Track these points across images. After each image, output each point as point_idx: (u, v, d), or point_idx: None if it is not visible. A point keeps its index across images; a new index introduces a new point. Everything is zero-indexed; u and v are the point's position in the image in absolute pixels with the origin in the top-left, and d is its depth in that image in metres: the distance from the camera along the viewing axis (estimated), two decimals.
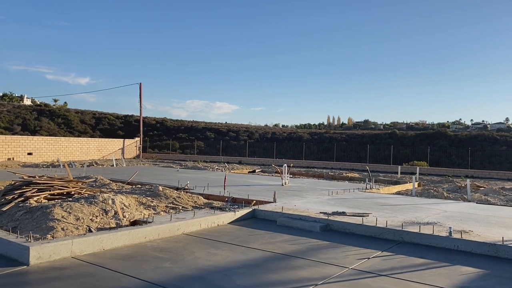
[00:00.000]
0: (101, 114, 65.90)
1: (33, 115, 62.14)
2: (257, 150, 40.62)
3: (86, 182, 10.32)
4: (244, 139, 47.63)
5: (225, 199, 10.60)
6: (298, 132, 54.25)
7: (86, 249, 5.78)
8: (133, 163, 29.97)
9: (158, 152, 43.24)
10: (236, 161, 34.54)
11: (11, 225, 6.82)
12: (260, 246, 6.43)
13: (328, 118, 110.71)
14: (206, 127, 58.13)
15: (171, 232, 7.04)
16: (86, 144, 34.35)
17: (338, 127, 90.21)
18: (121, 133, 53.55)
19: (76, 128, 58.11)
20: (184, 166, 26.11)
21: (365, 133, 52.00)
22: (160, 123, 60.12)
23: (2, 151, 27.71)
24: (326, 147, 39.41)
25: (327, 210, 8.89)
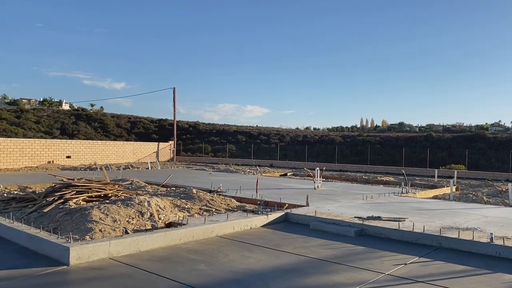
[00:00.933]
0: (136, 118, 67.51)
1: (71, 119, 64.34)
2: (288, 153, 40.49)
3: (123, 185, 10.57)
4: (275, 142, 47.59)
5: (257, 202, 10.61)
6: (330, 135, 53.75)
7: (123, 251, 5.91)
8: (167, 166, 30.50)
9: (191, 155, 43.82)
10: (267, 164, 34.54)
11: (52, 226, 7.06)
12: (293, 250, 6.39)
13: (361, 121, 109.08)
14: (238, 130, 58.51)
15: (205, 234, 7.11)
16: (122, 147, 35.22)
17: (371, 130, 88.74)
18: (155, 136, 54.62)
19: (112, 132, 59.71)
20: (216, 169, 26.35)
21: (400, 135, 50.92)
22: (192, 127, 60.98)
23: (43, 154, 28.80)
24: (359, 150, 38.84)
25: (361, 215, 8.75)
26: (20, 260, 5.57)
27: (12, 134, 49.38)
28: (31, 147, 28.18)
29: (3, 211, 8.54)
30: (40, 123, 59.72)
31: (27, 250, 6.05)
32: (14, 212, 8.15)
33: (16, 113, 65.35)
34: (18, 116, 63.34)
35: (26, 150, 27.82)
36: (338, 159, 35.08)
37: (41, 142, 29.40)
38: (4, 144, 26.78)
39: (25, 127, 56.29)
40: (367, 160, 33.85)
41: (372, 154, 35.46)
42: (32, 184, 14.17)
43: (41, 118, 62.61)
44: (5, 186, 13.41)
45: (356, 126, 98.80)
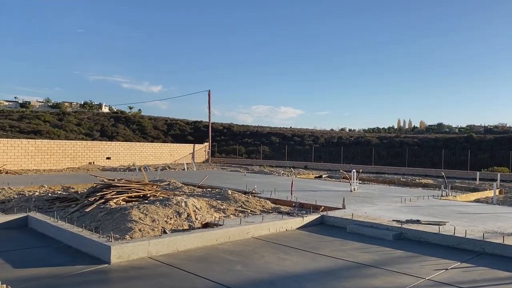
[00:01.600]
0: (172, 120, 68.81)
1: (111, 121, 66.31)
2: (323, 155, 40.12)
3: (160, 185, 10.79)
4: (309, 144, 47.28)
5: (292, 204, 10.58)
6: (366, 136, 52.87)
7: (161, 250, 6.03)
8: (203, 167, 30.90)
9: (225, 156, 44.20)
10: (302, 166, 34.36)
11: (94, 225, 7.29)
12: (330, 253, 6.32)
13: (399, 122, 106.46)
14: (271, 132, 58.53)
15: (241, 235, 7.15)
16: (159, 149, 35.98)
17: (409, 131, 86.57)
18: (191, 138, 55.47)
19: (150, 134, 61.11)
20: (250, 171, 26.45)
21: (438, 137, 49.47)
22: (226, 129, 61.51)
23: (84, 155, 29.83)
24: (396, 151, 37.98)
25: (400, 218, 8.55)
26: (64, 258, 5.79)
27: (55, 136, 51.42)
28: (73, 148, 29.25)
29: (48, 210, 8.90)
30: (81, 126, 61.88)
31: (70, 248, 6.28)
32: (58, 211, 8.48)
33: (58, 116, 68.04)
34: (61, 118, 65.91)
35: (68, 151, 28.89)
36: (375, 161, 34.44)
37: (82, 143, 30.47)
38: (48, 145, 27.92)
39: (67, 129, 58.49)
40: (405, 162, 33.05)
41: (410, 156, 34.59)
42: (74, 184, 14.70)
43: (82, 121, 64.88)
44: (49, 186, 13.98)
45: (393, 127, 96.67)
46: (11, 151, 25.97)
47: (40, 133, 53.71)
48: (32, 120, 61.50)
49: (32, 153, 26.89)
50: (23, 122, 59.81)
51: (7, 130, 53.73)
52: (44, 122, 61.20)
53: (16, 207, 9.27)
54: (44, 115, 66.71)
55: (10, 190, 11.76)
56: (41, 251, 6.20)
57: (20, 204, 9.57)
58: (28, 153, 26.73)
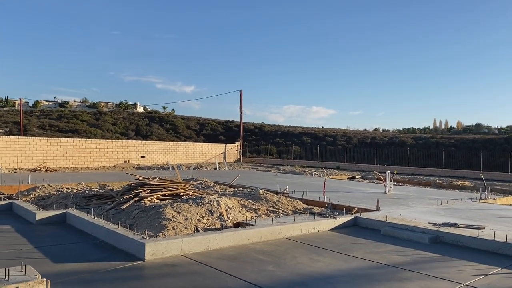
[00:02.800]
0: (204, 120, 69.63)
1: (145, 121, 67.76)
2: (355, 156, 39.55)
3: (193, 184, 10.92)
4: (342, 144, 46.70)
5: (324, 205, 10.47)
6: (400, 136, 51.72)
7: (194, 248, 6.09)
8: (234, 166, 31.08)
9: (256, 156, 44.29)
10: (334, 167, 33.99)
11: (129, 222, 7.45)
12: (363, 255, 6.21)
13: (434, 122, 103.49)
14: (303, 132, 58.19)
15: (272, 235, 7.13)
16: (192, 148, 36.46)
17: (445, 131, 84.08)
18: (222, 138, 55.92)
19: (182, 133, 62.04)
20: (281, 171, 26.39)
21: (476, 137, 47.79)
22: (258, 128, 61.64)
23: (119, 154, 30.60)
24: (432, 152, 36.97)
25: (436, 221, 8.31)
26: (100, 254, 5.94)
27: (91, 135, 53.00)
28: (109, 147, 30.06)
29: (85, 207, 9.17)
30: (117, 125, 63.52)
31: (107, 245, 6.44)
32: (94, 208, 8.72)
33: (95, 116, 70.11)
34: (97, 118, 67.90)
35: (105, 150, 29.71)
36: (410, 162, 33.67)
37: (118, 142, 31.27)
38: (85, 144, 28.81)
39: (103, 128, 60.19)
40: (441, 164, 32.15)
41: (446, 157, 33.61)
42: (110, 182, 15.09)
43: (118, 120, 66.60)
44: (86, 183, 14.40)
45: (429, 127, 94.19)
46: (50, 149, 26.94)
47: (77, 132, 55.51)
48: (70, 120, 63.65)
49: (70, 152, 27.81)
50: (61, 122, 61.99)
51: (46, 129, 55.84)
52: (82, 122, 63.22)
53: (55, 204, 9.59)
54: (82, 115, 68.93)
55: (50, 187, 12.19)
56: (78, 246, 6.38)
57: (59, 201, 9.90)
58: (67, 152, 27.67)
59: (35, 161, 26.03)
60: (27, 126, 54.67)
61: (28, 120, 60.14)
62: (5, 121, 60.30)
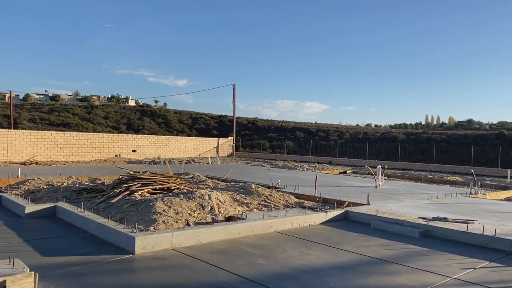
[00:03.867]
0: (197, 114, 69.38)
1: (137, 115, 67.38)
2: (347, 151, 39.69)
3: (185, 178, 10.88)
4: (334, 139, 46.83)
5: (316, 199, 10.50)
6: (392, 132, 51.96)
7: (184, 242, 6.08)
8: (227, 161, 31.05)
9: (249, 151, 44.29)
10: (326, 161, 34.10)
11: (119, 216, 7.41)
12: (353, 249, 6.24)
13: (426, 118, 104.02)
14: (296, 127, 58.23)
15: (263, 229, 7.14)
16: (184, 142, 36.35)
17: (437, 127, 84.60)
18: (215, 132, 55.80)
19: (175, 128, 61.79)
20: (274, 165, 26.41)
21: (468, 133, 48.15)
22: (251, 123, 61.56)
23: (111, 148, 30.42)
24: (423, 148, 37.22)
25: (426, 215, 8.37)
26: (90, 247, 5.91)
27: (83, 129, 52.60)
28: (100, 141, 29.87)
29: (75, 200, 9.11)
30: (108, 119, 63.10)
31: (97, 238, 6.41)
32: (85, 202, 8.66)
33: (87, 109, 69.56)
34: (89, 111, 67.37)
35: (96, 144, 29.52)
36: (401, 157, 33.86)
37: (109, 136, 31.07)
38: (76, 138, 28.59)
39: (95, 122, 59.76)
40: (432, 159, 32.38)
41: (438, 153, 33.85)
42: (101, 176, 15.00)
43: (109, 114, 66.14)
44: (77, 177, 14.30)
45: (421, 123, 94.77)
46: (41, 142, 26.71)
47: (69, 125, 55.07)
48: (62, 113, 63.09)
49: (61, 145, 27.60)
50: (52, 115, 61.44)
51: (37, 123, 55.33)
52: (73, 115, 62.69)
53: (45, 197, 9.52)
54: (73, 108, 68.34)
55: (40, 181, 12.08)
56: (68, 240, 6.34)
57: (48, 194, 9.82)
58: (57, 145, 27.45)
59: (25, 155, 25.80)
60: (18, 119, 54.13)
61: (19, 113, 59.53)
62: None
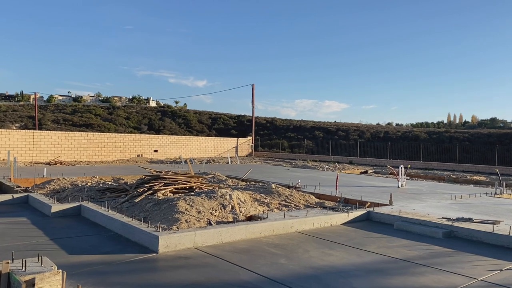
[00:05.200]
0: (216, 115, 69.71)
1: (158, 115, 68.13)
2: (368, 150, 39.27)
3: (206, 178, 10.97)
4: (355, 139, 46.39)
5: (337, 199, 10.44)
6: (414, 131, 51.18)
7: (207, 241, 6.13)
8: (246, 161, 31.12)
9: (268, 150, 44.27)
10: (347, 161, 33.83)
11: (142, 215, 7.52)
12: (376, 249, 6.19)
13: (449, 116, 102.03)
14: (315, 126, 57.90)
15: (284, 229, 7.14)
16: (204, 142, 36.59)
17: (460, 126, 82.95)
18: (234, 132, 55.96)
19: (195, 128, 62.24)
20: (294, 165, 26.35)
21: (492, 132, 47.03)
22: (270, 123, 61.50)
23: (133, 148, 30.85)
24: (446, 147, 36.55)
25: (450, 216, 8.23)
26: (115, 246, 6.01)
27: (105, 129, 53.47)
28: (122, 141, 30.33)
29: (99, 200, 9.28)
30: (130, 119, 63.97)
31: (121, 237, 6.51)
32: (109, 201, 8.82)
33: (108, 110, 70.70)
34: (111, 112, 68.45)
35: (118, 144, 29.98)
36: (423, 157, 33.34)
37: (131, 137, 31.53)
38: (99, 138, 29.10)
39: (117, 122, 60.66)
40: (455, 158, 31.77)
41: (461, 152, 33.20)
42: (124, 175, 15.23)
43: (131, 115, 67.05)
44: (100, 177, 14.56)
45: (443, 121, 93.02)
46: (65, 143, 27.28)
47: (91, 126, 56.05)
48: (84, 114, 64.27)
49: (84, 146, 28.13)
50: (75, 116, 62.64)
51: (61, 123, 56.49)
52: (95, 116, 63.80)
53: (70, 197, 9.73)
54: (95, 109, 69.54)
55: (65, 181, 12.36)
56: (93, 239, 6.47)
57: (73, 194, 10.03)
58: (81, 145, 27.98)
59: (50, 155, 26.38)
60: (42, 120, 55.38)
61: (43, 114, 60.90)
62: (20, 115, 61.15)
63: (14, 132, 25.85)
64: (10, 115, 60.93)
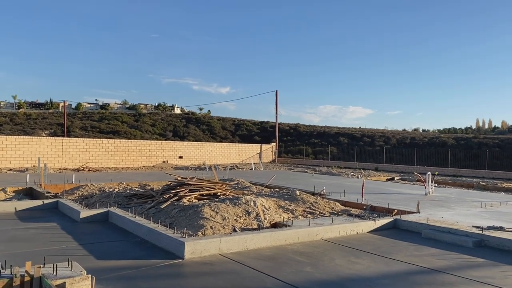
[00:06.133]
0: (239, 121, 70.10)
1: (182, 122, 68.98)
2: (394, 157, 38.64)
3: (230, 184, 11.02)
4: (380, 145, 45.76)
5: (363, 206, 10.30)
6: (441, 137, 50.15)
7: (232, 248, 6.15)
8: (269, 167, 31.10)
9: (292, 157, 44.10)
10: (372, 168, 33.38)
11: (168, 221, 7.61)
12: (404, 258, 6.07)
13: (477, 122, 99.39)
14: (339, 132, 57.44)
15: (310, 236, 7.09)
16: (228, 148, 36.79)
17: (489, 131, 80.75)
18: (258, 138, 56.06)
19: (218, 134, 62.69)
20: (318, 172, 26.18)
21: None
22: (293, 129, 61.37)
23: (158, 154, 31.29)
24: (475, 153, 35.63)
25: (480, 224, 8.01)
26: (141, 252, 6.10)
27: (131, 136, 54.44)
28: (148, 148, 30.80)
29: (126, 206, 9.44)
30: (155, 126, 64.97)
31: (147, 243, 6.60)
32: (135, 207, 8.96)
33: (135, 117, 72.04)
34: (137, 119, 69.73)
35: (144, 150, 30.46)
36: (451, 163, 32.58)
37: (156, 143, 31.99)
38: (126, 145, 29.63)
39: (143, 129, 61.69)
40: (485, 165, 30.92)
41: (490, 158, 32.28)
42: (150, 182, 15.45)
43: (156, 122, 68.13)
44: (127, 183, 14.82)
45: (471, 127, 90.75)
46: (93, 150, 27.89)
47: (118, 133, 57.18)
48: (111, 121, 65.68)
49: (111, 152, 28.68)
50: (103, 123, 64.06)
51: (88, 130, 57.84)
52: (122, 123, 65.10)
53: (98, 203, 9.93)
54: (122, 116, 70.98)
55: (93, 187, 12.63)
56: (120, 244, 6.58)
57: (101, 200, 10.24)
58: (108, 152, 28.55)
59: (79, 161, 27.01)
60: (70, 127, 56.83)
61: (71, 121, 62.52)
62: (50, 123, 62.95)
63: (44, 139, 26.60)
64: (40, 122, 62.83)
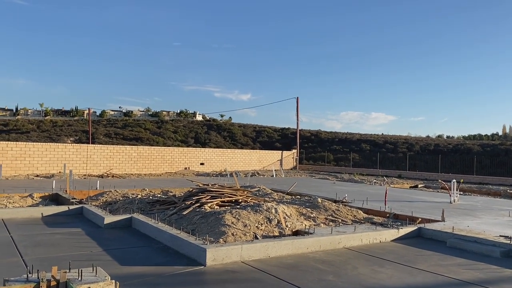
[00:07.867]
0: (260, 128, 70.21)
1: (204, 129, 69.53)
2: (418, 163, 37.97)
3: (251, 191, 11.03)
4: (403, 152, 45.05)
5: (386, 214, 10.16)
6: (466, 143, 49.06)
7: (253, 255, 6.14)
8: (291, 174, 30.99)
9: (313, 163, 43.85)
10: (395, 175, 32.88)
11: (190, 228, 7.66)
12: (428, 268, 5.95)
13: (504, 128, 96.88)
14: (361, 138, 56.85)
15: (332, 245, 7.02)
16: (249, 155, 36.85)
17: None
18: (278, 145, 56.00)
19: (239, 141, 62.90)
20: (339, 179, 25.94)
21: None
22: (314, 135, 61.07)
23: (180, 161, 31.58)
24: (501, 160, 34.70)
25: (508, 233, 7.78)
26: (164, 258, 6.15)
27: (154, 143, 55.13)
28: (170, 154, 31.12)
29: (149, 212, 9.55)
30: (177, 133, 65.66)
31: (169, 249, 6.65)
32: (158, 213, 9.05)
33: (157, 124, 72.99)
34: (159, 126, 70.62)
35: (167, 157, 30.79)
36: (477, 171, 31.81)
37: (178, 150, 32.31)
38: (148, 152, 30.02)
39: (165, 136, 62.43)
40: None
41: None
42: (172, 188, 15.60)
43: (178, 128, 68.88)
44: (150, 189, 14.99)
45: (497, 133, 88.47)
46: (116, 156, 28.35)
47: (141, 140, 58.01)
48: (134, 128, 66.72)
49: (134, 159, 29.10)
50: (126, 130, 65.12)
51: (112, 137, 58.87)
52: (145, 130, 66.04)
53: (121, 209, 10.08)
54: (145, 123, 72.03)
55: (116, 193, 12.82)
56: (143, 250, 6.65)
57: (124, 206, 10.39)
58: (131, 159, 28.97)
59: (103, 168, 27.49)
60: (95, 134, 57.96)
61: (96, 128, 63.78)
62: (75, 129, 64.37)
63: (70, 146, 27.20)
64: (65, 129, 64.31)
